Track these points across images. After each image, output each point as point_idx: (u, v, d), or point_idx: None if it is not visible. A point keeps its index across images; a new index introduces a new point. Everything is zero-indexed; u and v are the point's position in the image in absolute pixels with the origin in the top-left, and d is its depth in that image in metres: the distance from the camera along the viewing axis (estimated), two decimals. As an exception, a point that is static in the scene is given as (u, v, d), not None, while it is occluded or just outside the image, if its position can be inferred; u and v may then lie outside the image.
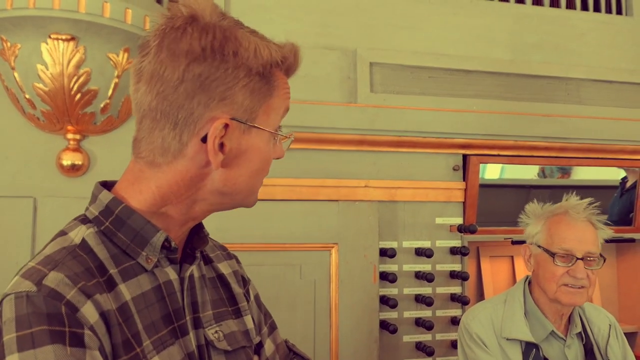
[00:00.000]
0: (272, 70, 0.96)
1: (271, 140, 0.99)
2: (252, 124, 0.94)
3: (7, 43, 2.07)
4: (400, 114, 2.56)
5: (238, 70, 0.91)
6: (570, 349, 1.85)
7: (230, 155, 0.93)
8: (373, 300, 2.46)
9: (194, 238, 1.04)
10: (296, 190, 2.47)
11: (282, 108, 1.00)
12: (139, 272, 0.91)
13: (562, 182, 2.99)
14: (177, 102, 0.89)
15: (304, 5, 2.65)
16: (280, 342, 1.22)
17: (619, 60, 3.08)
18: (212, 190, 0.95)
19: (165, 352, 0.88)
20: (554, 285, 1.80)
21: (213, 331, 1.00)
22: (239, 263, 1.21)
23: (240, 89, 0.91)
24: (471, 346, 1.86)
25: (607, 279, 3.19)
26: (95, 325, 0.80)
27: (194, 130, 0.90)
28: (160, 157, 0.92)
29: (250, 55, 0.92)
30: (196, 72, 0.89)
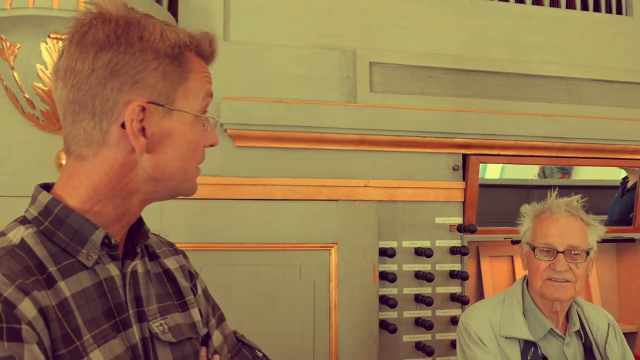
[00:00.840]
0: (184, 54, 0.99)
1: (196, 125, 1.01)
2: (170, 107, 0.96)
3: (6, 43, 2.07)
4: (400, 113, 2.56)
5: (145, 53, 0.94)
6: (569, 347, 1.86)
7: (154, 139, 0.95)
8: (373, 300, 2.46)
9: (135, 234, 1.06)
10: (296, 190, 2.47)
11: (201, 91, 1.02)
12: (79, 269, 0.92)
13: (562, 182, 2.99)
14: (92, 91, 0.92)
15: (303, 5, 2.65)
16: (228, 333, 1.25)
17: (619, 60, 3.08)
18: (144, 178, 0.97)
19: (106, 346, 0.91)
20: (538, 279, 1.83)
21: (158, 324, 1.02)
22: (186, 258, 1.24)
23: (151, 71, 0.94)
24: (470, 345, 1.86)
25: (607, 279, 3.19)
26: (33, 320, 0.82)
27: (112, 117, 0.93)
28: (86, 149, 0.95)
29: (156, 38, 0.95)
30: (104, 59, 0.92)
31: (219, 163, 2.43)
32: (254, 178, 2.44)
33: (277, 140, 2.46)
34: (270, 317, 2.36)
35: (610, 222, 3.05)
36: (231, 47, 2.52)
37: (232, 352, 1.23)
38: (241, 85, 2.50)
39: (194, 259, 2.30)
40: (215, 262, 2.33)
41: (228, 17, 2.56)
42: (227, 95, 2.44)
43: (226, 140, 2.44)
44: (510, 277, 2.99)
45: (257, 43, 2.57)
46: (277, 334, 2.36)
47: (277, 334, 2.36)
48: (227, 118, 2.36)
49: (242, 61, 2.52)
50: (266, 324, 2.35)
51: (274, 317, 2.37)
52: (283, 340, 2.36)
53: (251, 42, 2.57)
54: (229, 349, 1.22)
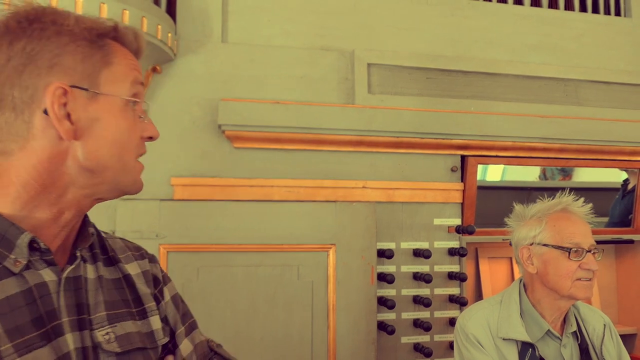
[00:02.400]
0: (105, 40, 0.95)
1: (127, 111, 0.96)
2: (95, 90, 0.93)
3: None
4: (398, 114, 2.56)
5: (60, 36, 0.91)
6: (566, 348, 1.85)
7: (81, 124, 0.91)
8: (371, 301, 2.46)
9: (79, 237, 1.00)
10: (294, 191, 2.47)
11: (129, 77, 0.97)
12: (4, 276, 0.87)
13: (563, 184, 2.99)
14: (10, 81, 0.89)
15: (302, 6, 2.65)
16: (199, 341, 1.19)
17: (617, 61, 3.08)
18: (77, 170, 0.92)
19: (29, 355, 0.85)
20: (568, 281, 1.79)
21: (104, 332, 0.97)
22: (153, 263, 1.17)
23: (69, 54, 0.91)
24: (467, 347, 1.85)
25: (607, 280, 3.18)
26: None
27: (33, 104, 0.89)
28: (11, 144, 0.90)
29: (70, 22, 0.92)
30: (19, 47, 0.89)
31: (217, 164, 2.44)
32: (252, 179, 2.45)
33: (275, 141, 2.47)
34: (268, 318, 2.36)
35: (611, 224, 3.05)
36: (229, 48, 2.52)
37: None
38: (239, 87, 2.50)
39: (192, 260, 2.32)
40: (213, 263, 2.33)
41: (226, 18, 2.56)
42: (225, 97, 2.45)
43: (224, 142, 2.45)
44: (508, 278, 2.99)
45: (255, 44, 2.58)
46: (275, 335, 2.35)
47: (275, 335, 2.35)
48: (225, 119, 2.37)
49: (240, 62, 2.52)
50: (264, 325, 2.34)
51: (272, 318, 2.36)
52: (281, 342, 2.36)
53: (249, 43, 2.57)
54: (198, 358, 1.17)
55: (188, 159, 2.42)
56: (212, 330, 2.30)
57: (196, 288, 2.30)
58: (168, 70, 2.44)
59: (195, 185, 2.39)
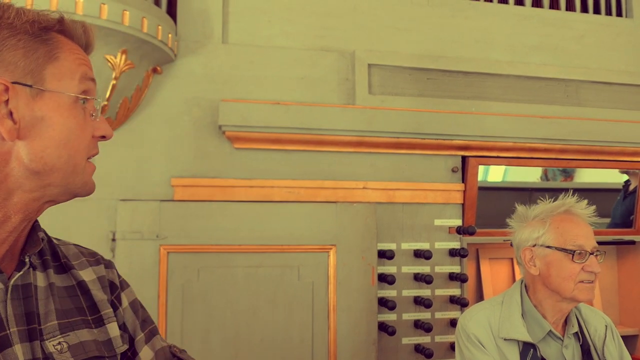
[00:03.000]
0: (50, 34, 0.91)
1: (76, 109, 0.92)
2: (40, 87, 0.88)
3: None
4: (399, 115, 2.56)
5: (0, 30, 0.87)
6: (567, 349, 1.84)
7: (25, 123, 0.86)
8: (371, 302, 2.45)
9: (27, 243, 0.95)
10: (294, 191, 2.47)
11: (76, 73, 0.92)
12: None
13: (565, 185, 2.98)
14: None
15: (302, 7, 2.65)
16: (160, 348, 1.14)
17: (619, 62, 3.08)
18: (22, 172, 0.87)
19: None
20: (571, 283, 1.78)
21: (55, 342, 0.92)
22: (109, 269, 1.12)
23: (9, 49, 0.86)
24: (469, 347, 1.85)
25: (608, 281, 3.18)
26: None
27: None
28: None
29: (11, 15, 0.88)
30: None
31: (218, 165, 2.44)
32: (252, 180, 2.44)
33: (275, 142, 2.47)
34: (269, 318, 2.35)
35: (613, 225, 3.04)
36: (230, 49, 2.52)
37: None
38: (240, 87, 2.50)
39: (192, 261, 2.32)
40: (213, 264, 2.33)
41: (227, 19, 2.56)
42: (225, 97, 2.45)
43: (225, 142, 2.44)
44: (509, 279, 2.99)
45: (256, 45, 2.57)
46: (276, 335, 2.35)
47: (276, 336, 2.35)
48: (225, 120, 2.36)
49: (240, 63, 2.52)
50: (264, 325, 2.34)
51: (272, 318, 2.36)
52: (281, 342, 2.36)
53: (250, 44, 2.57)
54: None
55: (188, 160, 2.42)
56: (212, 331, 2.30)
57: (196, 289, 2.29)
58: (168, 71, 2.44)
59: (196, 185, 2.39)
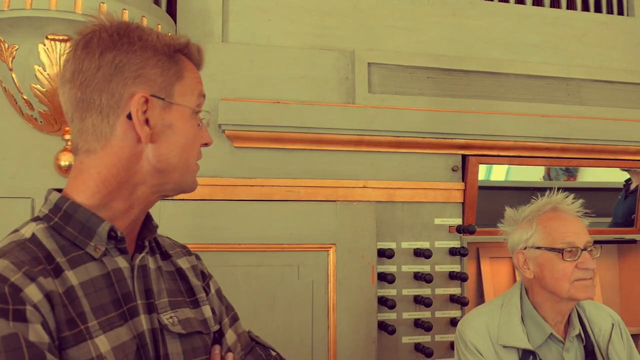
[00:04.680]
0: (177, 55, 1.08)
1: (192, 120, 1.09)
2: (170, 100, 1.05)
3: (4, 44, 2.08)
4: (399, 114, 2.55)
5: (145, 51, 1.03)
6: (569, 352, 1.78)
7: (156, 130, 1.03)
8: (371, 301, 2.45)
9: (144, 229, 1.12)
10: (294, 190, 2.47)
11: (196, 90, 1.10)
12: (87, 260, 0.99)
13: (567, 184, 2.97)
14: (99, 87, 1.00)
15: (302, 6, 2.65)
16: (241, 332, 1.30)
17: (620, 60, 3.07)
18: (149, 170, 1.04)
19: (112, 332, 0.96)
20: (566, 283, 1.73)
21: (168, 316, 1.08)
22: (199, 260, 1.30)
23: (151, 67, 1.03)
24: (467, 355, 1.81)
25: (609, 280, 3.17)
26: (39, 303, 0.88)
27: (118, 110, 1.01)
28: (95, 143, 1.02)
29: (153, 38, 1.05)
30: (109, 57, 1.01)
31: (217, 164, 2.44)
32: (252, 179, 2.44)
33: (275, 141, 2.46)
34: (269, 318, 2.35)
35: (614, 224, 3.03)
36: (229, 48, 2.52)
37: (246, 351, 1.28)
38: (239, 86, 2.50)
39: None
40: (213, 263, 2.31)
41: (226, 19, 2.56)
42: (225, 96, 2.45)
43: (224, 141, 2.44)
44: (510, 278, 2.98)
45: (256, 44, 2.57)
46: (276, 334, 2.35)
47: (276, 335, 2.35)
48: (225, 119, 2.37)
49: (240, 62, 2.52)
50: (264, 324, 2.34)
51: (272, 318, 2.36)
52: (281, 341, 2.35)
53: (249, 43, 2.57)
54: (242, 347, 1.27)
55: (188, 159, 2.42)
56: (212, 330, 2.30)
57: (196, 288, 2.29)
58: (168, 70, 2.44)
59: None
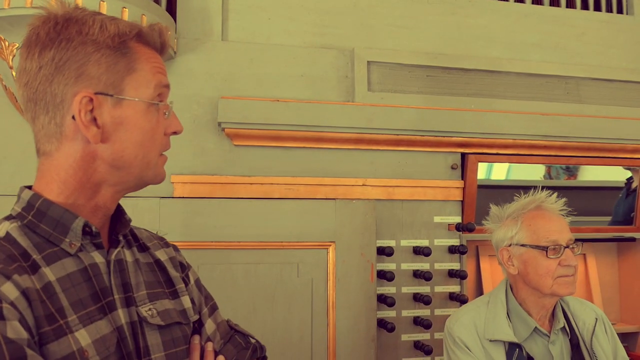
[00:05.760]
0: (128, 44, 1.02)
1: (150, 113, 1.04)
2: (119, 96, 1.00)
3: (5, 42, 2.09)
4: (398, 112, 2.56)
5: (85, 46, 0.98)
6: (554, 345, 1.84)
7: (107, 128, 1.00)
8: (370, 299, 2.46)
9: (117, 224, 1.12)
10: (294, 188, 2.47)
11: (152, 81, 1.05)
12: (62, 256, 0.98)
13: (567, 183, 2.98)
14: (42, 88, 0.98)
15: (301, 5, 2.66)
16: (220, 321, 1.30)
17: (619, 59, 3.07)
18: (106, 169, 1.02)
19: (92, 326, 0.96)
20: (549, 280, 1.79)
21: (147, 308, 1.08)
22: (177, 251, 1.29)
23: (94, 63, 0.98)
24: (454, 350, 1.85)
25: (608, 278, 3.17)
26: (15, 300, 0.87)
27: (63, 110, 0.98)
28: (48, 145, 1.00)
29: (95, 30, 0.99)
30: (48, 56, 0.97)
31: (217, 162, 2.45)
32: (251, 177, 2.45)
33: (275, 139, 2.47)
34: (268, 315, 2.36)
35: (615, 223, 3.03)
36: (229, 46, 2.53)
37: (225, 339, 1.28)
38: (239, 85, 2.51)
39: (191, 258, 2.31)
40: (213, 261, 2.33)
41: (226, 17, 2.57)
42: (225, 95, 2.46)
43: (224, 139, 2.45)
44: (510, 276, 2.98)
45: (255, 42, 2.58)
46: (275, 332, 2.36)
47: (275, 333, 2.36)
48: (225, 117, 2.37)
49: (240, 60, 2.53)
50: (264, 322, 2.35)
51: (271, 315, 2.37)
52: (281, 339, 2.36)
53: (249, 42, 2.58)
54: (221, 336, 1.27)
55: (188, 157, 2.43)
56: (212, 327, 2.31)
57: (196, 285, 2.30)
58: (168, 69, 2.45)
59: (195, 183, 2.40)
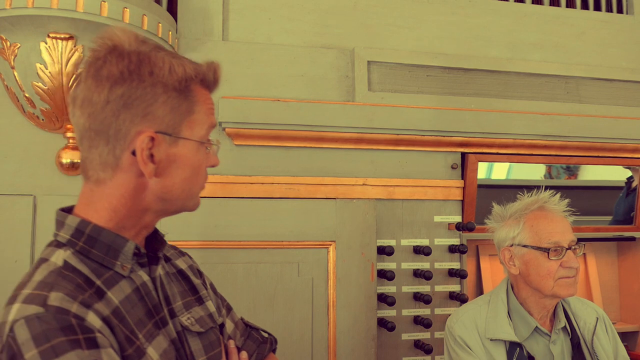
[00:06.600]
0: (191, 86, 1.08)
1: (200, 151, 1.11)
2: (177, 136, 1.06)
3: (6, 42, 2.09)
4: (398, 112, 2.56)
5: (155, 87, 1.03)
6: (555, 344, 1.84)
7: (161, 165, 1.06)
8: (371, 298, 2.46)
9: (154, 242, 1.18)
10: (294, 188, 2.48)
11: (206, 123, 1.11)
12: (118, 279, 1.04)
13: (568, 182, 2.98)
14: (106, 121, 1.02)
15: (302, 5, 2.66)
16: (237, 320, 1.39)
17: (619, 58, 3.07)
18: (153, 199, 1.08)
19: (155, 342, 1.04)
20: (550, 281, 1.79)
21: (186, 318, 1.15)
22: (192, 259, 1.36)
23: (160, 105, 1.04)
24: (455, 349, 1.85)
25: (608, 278, 3.18)
26: (101, 329, 0.93)
27: (124, 144, 1.03)
28: (102, 173, 1.05)
29: (165, 73, 1.04)
30: (118, 93, 1.01)
31: (218, 161, 2.45)
32: (252, 176, 2.46)
33: (275, 138, 2.48)
34: (269, 315, 2.37)
35: (615, 222, 3.03)
36: (230, 46, 2.54)
37: (245, 336, 1.38)
38: (240, 84, 2.52)
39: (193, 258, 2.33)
40: (213, 260, 2.34)
41: (227, 17, 2.58)
42: (225, 94, 2.46)
43: (225, 139, 2.46)
44: (510, 276, 2.98)
45: (256, 42, 2.59)
46: (276, 331, 2.34)
47: (276, 332, 2.34)
48: (225, 117, 2.38)
49: (240, 60, 2.53)
50: (264, 321, 2.35)
51: (272, 315, 2.37)
52: (281, 338, 2.36)
53: (250, 42, 2.58)
54: (240, 334, 1.36)
55: (189, 157, 2.43)
56: (212, 326, 2.32)
57: (197, 285, 2.31)
58: (169, 69, 2.45)
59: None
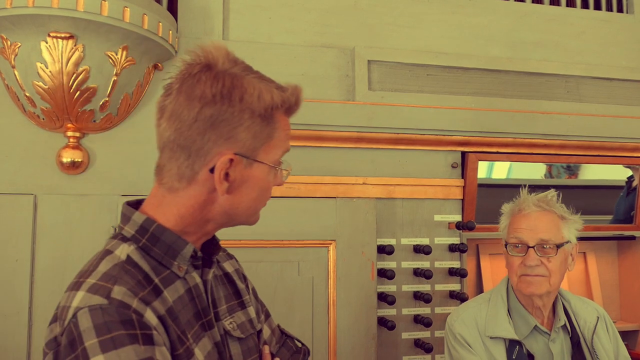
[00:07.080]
0: (274, 113, 1.11)
1: (271, 173, 1.15)
2: (254, 159, 1.11)
3: (7, 42, 2.10)
4: (398, 111, 2.57)
5: (243, 113, 1.07)
6: (554, 343, 1.84)
7: (234, 184, 1.10)
8: (371, 297, 2.47)
9: (210, 247, 1.21)
10: (294, 187, 2.48)
11: (282, 148, 1.16)
12: (174, 279, 1.09)
13: (568, 182, 2.98)
14: (191, 138, 1.07)
15: (302, 4, 2.67)
16: (274, 327, 1.41)
17: (619, 57, 3.08)
18: (219, 212, 1.12)
19: (200, 343, 1.08)
20: (514, 276, 1.84)
21: (228, 322, 1.19)
22: (238, 262, 1.38)
23: (244, 129, 1.08)
24: (455, 347, 1.86)
25: (608, 277, 3.18)
26: (157, 327, 0.98)
27: (204, 161, 1.08)
28: (177, 183, 1.10)
29: (254, 100, 1.07)
30: (207, 113, 1.06)
31: (218, 161, 2.45)
32: (252, 175, 2.46)
33: (275, 138, 2.47)
34: (269, 313, 2.37)
35: (616, 221, 3.04)
36: (230, 46, 2.50)
37: (280, 343, 1.39)
38: (240, 84, 2.51)
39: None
40: (214, 259, 2.34)
41: (227, 16, 2.58)
42: (226, 94, 2.46)
43: (225, 138, 2.46)
44: (510, 275, 2.99)
45: (256, 42, 2.59)
46: (276, 330, 2.37)
47: (276, 331, 2.37)
48: (225, 116, 2.38)
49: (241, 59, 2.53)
50: (265, 320, 2.36)
51: (272, 313, 2.36)
52: (282, 337, 2.37)
53: (250, 41, 2.58)
54: (276, 340, 1.38)
55: (189, 156, 2.43)
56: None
57: (197, 283, 2.31)
58: (169, 67, 2.46)
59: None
